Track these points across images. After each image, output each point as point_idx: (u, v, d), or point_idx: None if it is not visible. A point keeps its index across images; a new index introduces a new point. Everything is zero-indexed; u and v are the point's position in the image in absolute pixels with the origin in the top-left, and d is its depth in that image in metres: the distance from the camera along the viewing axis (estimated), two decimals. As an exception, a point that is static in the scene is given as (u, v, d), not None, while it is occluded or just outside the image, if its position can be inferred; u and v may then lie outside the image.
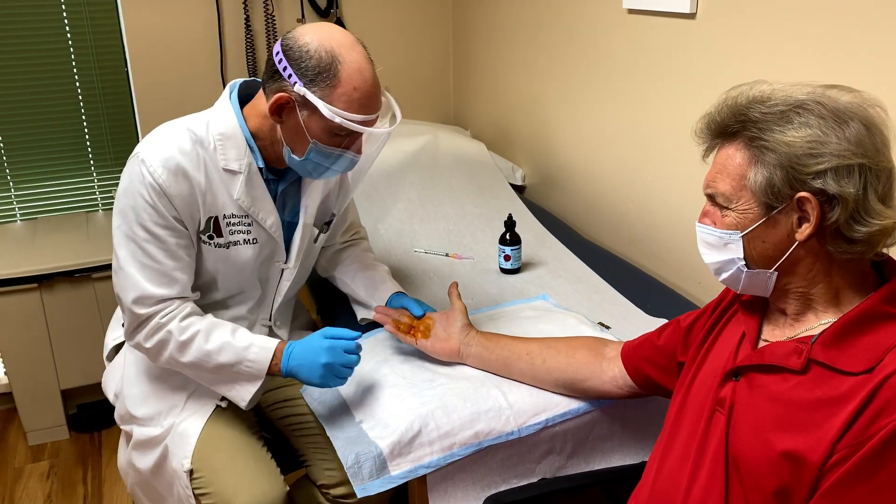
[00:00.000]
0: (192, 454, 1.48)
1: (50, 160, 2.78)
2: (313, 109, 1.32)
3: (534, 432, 1.36)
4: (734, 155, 0.97)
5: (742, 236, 0.98)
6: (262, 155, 1.45)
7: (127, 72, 2.78)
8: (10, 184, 2.74)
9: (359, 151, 1.42)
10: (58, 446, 2.62)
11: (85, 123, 2.78)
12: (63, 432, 2.65)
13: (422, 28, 3.17)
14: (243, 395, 1.45)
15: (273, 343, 1.44)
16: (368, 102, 1.34)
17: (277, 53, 1.33)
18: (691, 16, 1.79)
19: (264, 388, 1.47)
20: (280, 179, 1.52)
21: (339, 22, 2.99)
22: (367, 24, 3.06)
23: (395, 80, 3.19)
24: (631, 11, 2.02)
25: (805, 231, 0.93)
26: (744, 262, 0.99)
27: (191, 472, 1.47)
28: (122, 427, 1.63)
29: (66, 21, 2.65)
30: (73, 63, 2.71)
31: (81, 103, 2.76)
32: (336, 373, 1.39)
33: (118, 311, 1.71)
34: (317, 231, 1.63)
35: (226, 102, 1.44)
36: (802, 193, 0.91)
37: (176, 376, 1.56)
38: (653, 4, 1.91)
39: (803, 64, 1.51)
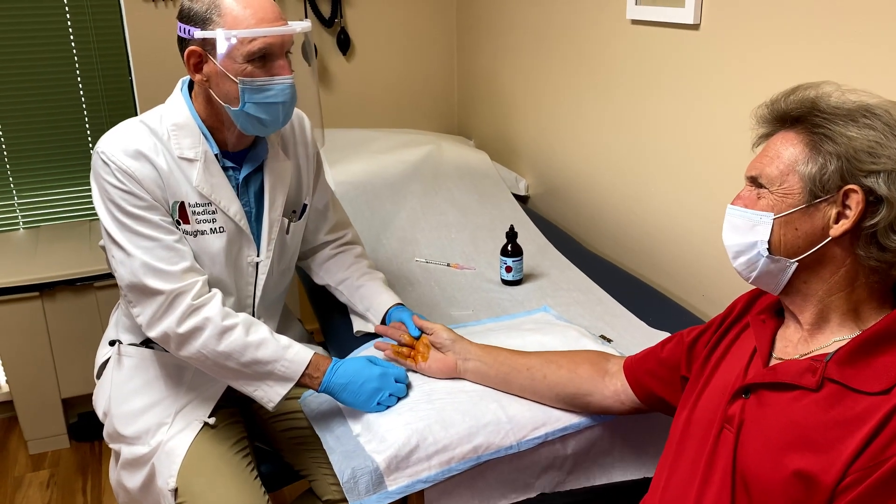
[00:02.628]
0: (178, 473, 1.47)
1: (53, 169, 2.78)
2: (219, 46, 1.36)
3: (533, 447, 1.34)
4: (793, 140, 0.97)
5: (774, 219, 0.97)
6: (217, 141, 1.47)
7: (131, 81, 2.78)
8: (14, 192, 2.75)
9: (286, 71, 1.39)
10: (58, 455, 2.61)
11: (88, 132, 2.79)
12: (63, 441, 2.65)
13: (426, 38, 3.16)
14: (271, 395, 1.42)
15: (312, 350, 1.45)
16: (260, 12, 1.35)
17: (178, 26, 1.41)
18: (695, 27, 1.78)
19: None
20: (240, 168, 1.52)
21: (344, 31, 3.00)
22: (371, 34, 3.06)
23: (400, 90, 3.19)
24: (634, 22, 2.01)
25: (842, 226, 0.93)
26: (766, 247, 0.98)
27: (176, 490, 1.46)
28: (111, 446, 1.62)
29: (70, 29, 2.66)
30: (77, 71, 2.71)
31: (85, 112, 2.76)
32: (381, 399, 1.39)
33: (109, 329, 1.70)
34: (287, 221, 1.62)
35: (177, 95, 1.50)
36: (851, 186, 0.92)
37: (164, 393, 1.54)
38: (656, 16, 1.90)
39: (807, 76, 1.50)
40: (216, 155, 1.48)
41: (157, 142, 1.43)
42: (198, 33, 1.36)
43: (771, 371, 1.00)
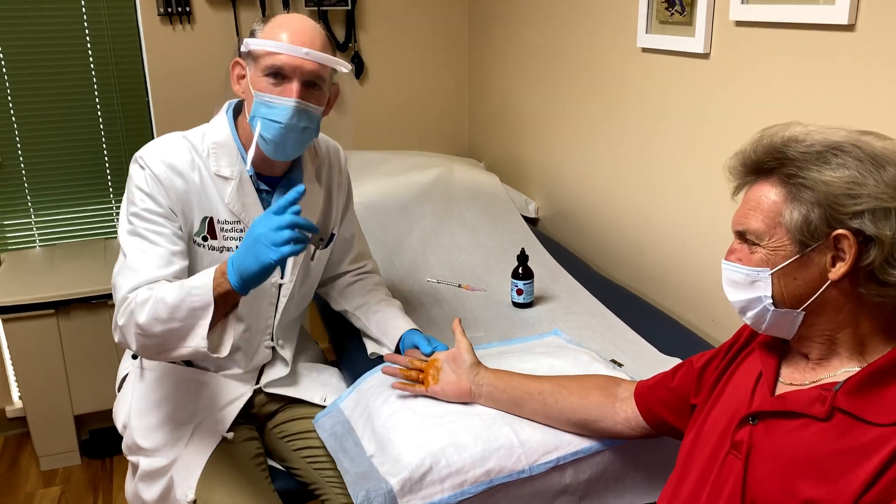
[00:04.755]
0: (196, 486, 1.49)
1: (70, 187, 2.82)
2: (252, 58, 1.44)
3: (545, 471, 1.36)
4: (769, 192, 0.98)
5: (771, 274, 0.98)
6: (255, 164, 1.51)
7: (148, 101, 2.83)
8: (31, 210, 2.79)
9: (293, 94, 1.41)
10: (69, 472, 2.63)
11: (105, 152, 2.83)
12: (75, 458, 2.67)
13: (438, 61, 3.21)
14: (201, 332, 1.31)
15: (210, 269, 1.35)
16: (293, 35, 1.41)
17: None
18: (705, 56, 1.81)
19: (231, 331, 1.36)
20: (273, 191, 1.56)
21: (357, 55, 3.04)
22: (384, 58, 3.10)
23: (411, 112, 3.23)
24: (645, 50, 2.04)
25: (840, 270, 0.94)
26: (771, 301, 0.99)
27: (194, 502, 1.48)
28: (129, 458, 1.64)
29: (89, 51, 2.71)
30: (95, 92, 2.76)
31: (102, 131, 2.81)
32: (271, 240, 1.24)
33: None
34: (314, 248, 1.65)
35: (221, 115, 1.55)
36: (840, 231, 0.92)
37: (183, 407, 1.57)
38: (667, 44, 1.93)
39: (819, 106, 1.52)
40: (251, 176, 1.52)
41: (195, 157, 1.49)
42: (243, 46, 1.46)
43: (780, 399, 1.01)
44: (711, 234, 1.87)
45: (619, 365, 1.65)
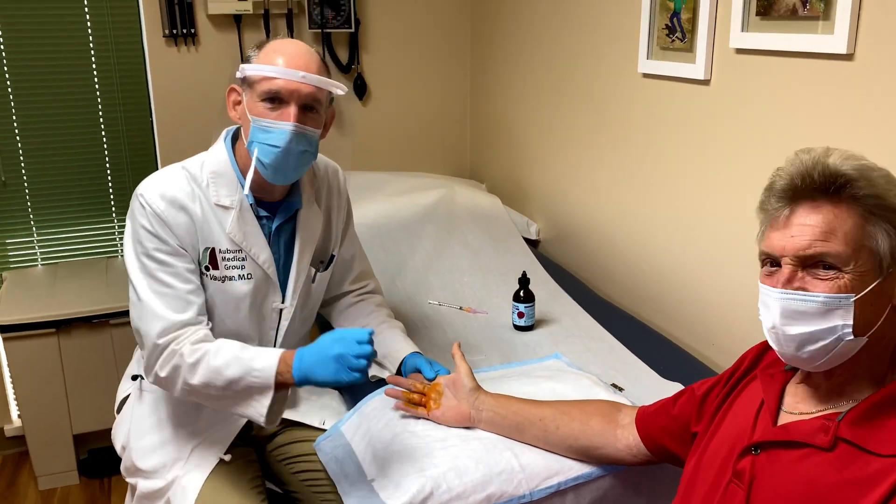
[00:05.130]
0: None
1: (72, 207, 2.83)
2: (248, 83, 1.45)
3: (546, 496, 1.35)
4: (842, 214, 0.93)
5: (854, 300, 0.92)
6: (253, 190, 1.52)
7: (151, 121, 2.85)
8: (33, 228, 2.80)
9: (290, 118, 1.42)
10: (67, 491, 2.62)
11: (108, 170, 2.84)
12: (73, 477, 2.65)
13: (441, 83, 3.23)
14: (260, 409, 1.40)
15: (277, 350, 1.42)
16: (288, 59, 1.42)
17: None
18: (706, 82, 1.83)
19: (284, 405, 1.44)
20: (273, 217, 1.56)
21: (360, 77, 3.07)
22: (387, 79, 3.13)
23: (414, 134, 3.25)
24: (646, 76, 2.06)
25: None
26: (850, 329, 0.93)
27: None
28: (127, 480, 1.64)
29: (94, 71, 2.73)
30: (100, 112, 2.78)
31: (106, 151, 2.82)
32: (349, 364, 1.33)
33: (132, 364, 1.74)
34: (314, 270, 1.65)
35: (220, 143, 1.55)
36: None
37: (182, 429, 1.57)
38: (667, 70, 1.95)
39: (818, 134, 1.54)
40: (251, 204, 1.53)
41: (195, 188, 1.49)
42: (238, 72, 1.46)
43: (783, 430, 1.01)
44: (712, 258, 1.88)
45: (620, 389, 1.65)
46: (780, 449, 1.00)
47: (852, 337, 0.93)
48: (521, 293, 2.00)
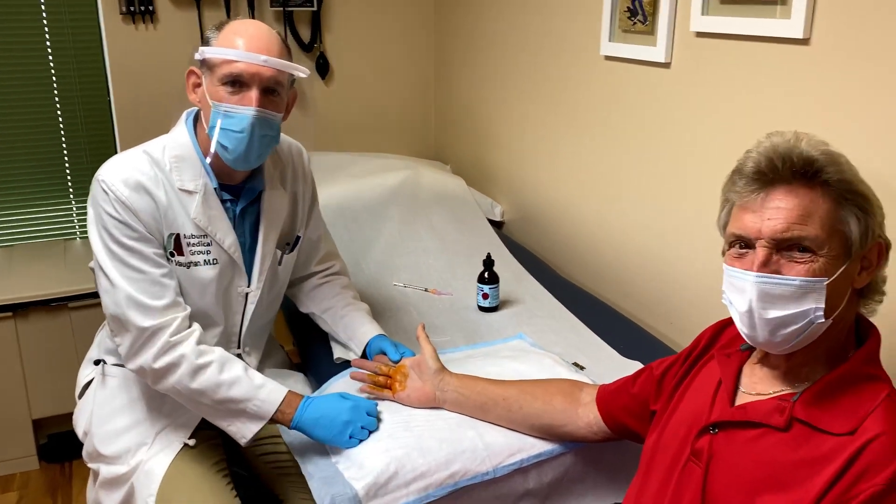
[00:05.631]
0: (157, 493, 1.48)
1: (29, 188, 2.77)
2: (207, 66, 1.43)
3: (508, 473, 1.38)
4: (818, 199, 0.94)
5: (827, 284, 0.94)
6: (216, 174, 1.50)
7: (109, 100, 2.79)
8: (-12, 210, 2.74)
9: (252, 102, 1.40)
10: (27, 477, 2.58)
11: (65, 151, 2.79)
12: (33, 462, 2.62)
13: (405, 63, 3.22)
14: (244, 432, 1.44)
15: (285, 389, 1.46)
16: (248, 42, 1.40)
17: None
18: (666, 65, 1.85)
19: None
20: (237, 200, 1.55)
21: (323, 56, 3.04)
22: (350, 59, 3.10)
23: (378, 114, 3.23)
24: (608, 58, 2.08)
25: (864, 278, 0.97)
26: (821, 313, 0.94)
27: None
28: (89, 465, 1.63)
29: (49, 49, 2.66)
30: (55, 90, 2.72)
31: (62, 132, 2.76)
32: (353, 433, 1.39)
33: (94, 348, 1.71)
34: (279, 253, 1.65)
35: (181, 126, 1.52)
36: (879, 238, 0.96)
37: (145, 414, 1.56)
38: (629, 53, 1.97)
39: (775, 116, 1.57)
40: (215, 189, 1.50)
41: (158, 172, 1.46)
42: (197, 54, 1.43)
43: (740, 410, 1.04)
44: (671, 239, 1.91)
45: (581, 368, 1.67)
46: (737, 429, 1.02)
47: (823, 320, 0.94)
48: (486, 275, 2.01)
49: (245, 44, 1.39)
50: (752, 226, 0.96)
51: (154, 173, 1.45)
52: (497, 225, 2.79)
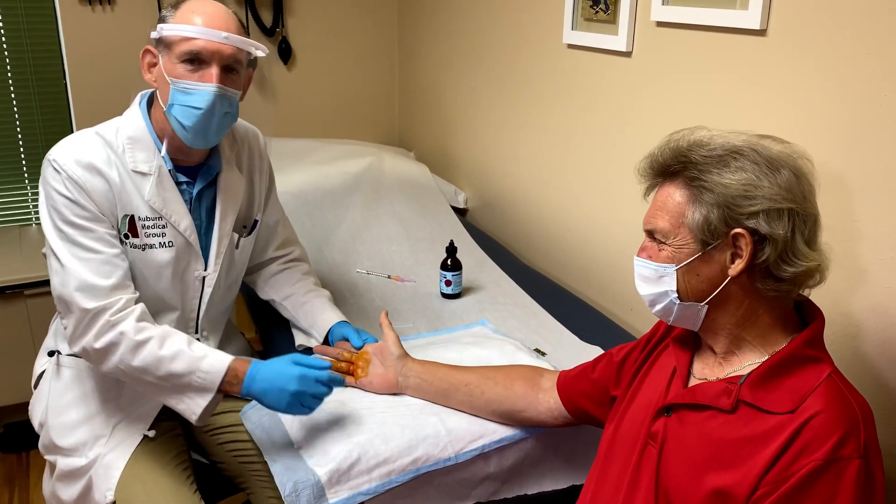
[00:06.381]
0: (116, 486, 1.46)
1: (-18, 173, 2.70)
2: (164, 45, 1.42)
3: (470, 458, 1.39)
4: (674, 193, 1.04)
5: (676, 269, 1.04)
6: (172, 155, 1.49)
7: (65, 83, 2.73)
8: (-61, 196, 2.66)
9: (212, 80, 1.40)
10: (-17, 467, 2.54)
11: (19, 135, 2.72)
12: (-11, 453, 2.58)
13: (368, 49, 3.20)
14: (193, 408, 1.40)
15: (228, 357, 1.41)
16: (207, 20, 1.40)
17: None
18: (627, 54, 1.86)
19: (216, 406, 1.44)
20: (193, 182, 1.54)
21: (285, 40, 3.00)
22: (313, 44, 3.08)
23: (341, 100, 3.21)
24: (570, 47, 2.09)
25: (738, 266, 1.00)
26: (676, 295, 1.05)
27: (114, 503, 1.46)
28: (46, 457, 1.60)
29: (1, 31, 2.59)
30: (9, 75, 2.65)
31: (17, 117, 2.70)
32: (304, 402, 1.36)
33: (49, 338, 1.68)
34: (237, 236, 1.64)
35: (135, 108, 1.51)
36: (738, 230, 0.98)
37: (103, 405, 1.54)
38: (591, 42, 1.98)
39: (732, 106, 1.60)
40: (169, 170, 1.49)
41: (111, 154, 1.44)
42: (153, 33, 1.42)
43: (690, 392, 1.07)
44: (629, 227, 1.94)
45: (543, 354, 1.69)
46: (689, 411, 1.06)
47: (679, 302, 1.05)
48: (449, 262, 2.02)
49: (204, 21, 1.39)
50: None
51: (107, 154, 1.43)
52: (460, 212, 2.80)
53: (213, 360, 1.40)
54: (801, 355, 1.00)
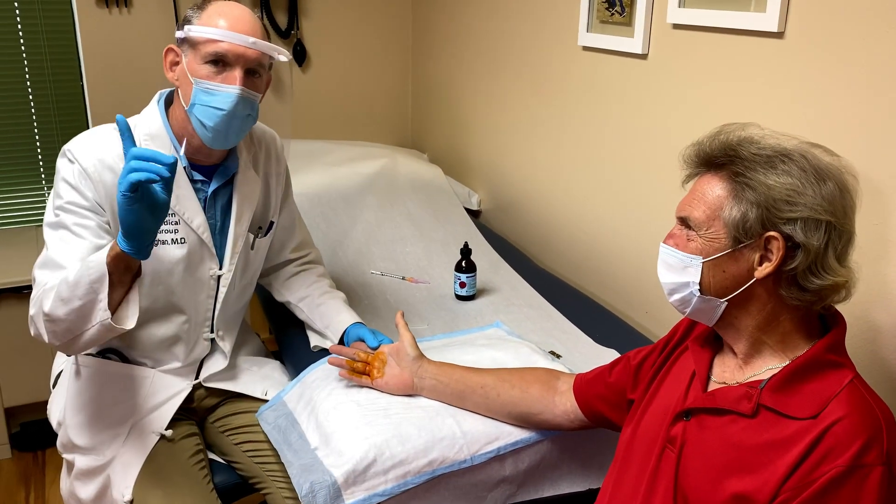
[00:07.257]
0: (133, 485, 1.47)
1: (0, 174, 2.72)
2: (189, 45, 1.43)
3: (486, 461, 1.39)
4: (715, 185, 1.03)
5: (703, 262, 1.03)
6: (189, 155, 1.50)
7: (82, 84, 2.75)
8: (-43, 196, 2.69)
9: (235, 82, 1.41)
10: (-1, 466, 2.56)
11: (37, 137, 2.74)
12: (5, 451, 2.59)
13: (382, 52, 3.20)
14: (102, 305, 1.27)
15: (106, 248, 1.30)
16: (232, 23, 1.42)
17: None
18: (643, 56, 1.86)
19: (136, 303, 1.32)
20: (209, 181, 1.55)
21: (300, 42, 3.02)
22: (327, 46, 3.09)
23: (355, 102, 3.22)
24: (586, 49, 2.09)
25: (765, 269, 0.99)
26: (698, 288, 1.04)
27: (131, 502, 1.47)
28: (64, 456, 1.61)
29: (20, 33, 2.62)
30: (27, 76, 2.67)
31: (34, 117, 2.72)
32: (145, 193, 1.21)
33: None
34: (252, 237, 1.65)
35: (153, 106, 1.53)
36: (772, 233, 0.97)
37: (120, 405, 1.55)
38: (607, 44, 1.98)
39: (749, 108, 1.59)
40: (185, 167, 1.51)
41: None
42: (178, 33, 1.44)
43: (710, 396, 1.07)
44: (647, 228, 1.93)
45: (558, 356, 1.69)
46: (709, 415, 1.05)
47: (700, 294, 1.04)
48: (463, 263, 2.02)
49: (230, 24, 1.41)
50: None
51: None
52: (474, 214, 2.80)
53: (94, 255, 1.30)
54: (823, 360, 1.00)
